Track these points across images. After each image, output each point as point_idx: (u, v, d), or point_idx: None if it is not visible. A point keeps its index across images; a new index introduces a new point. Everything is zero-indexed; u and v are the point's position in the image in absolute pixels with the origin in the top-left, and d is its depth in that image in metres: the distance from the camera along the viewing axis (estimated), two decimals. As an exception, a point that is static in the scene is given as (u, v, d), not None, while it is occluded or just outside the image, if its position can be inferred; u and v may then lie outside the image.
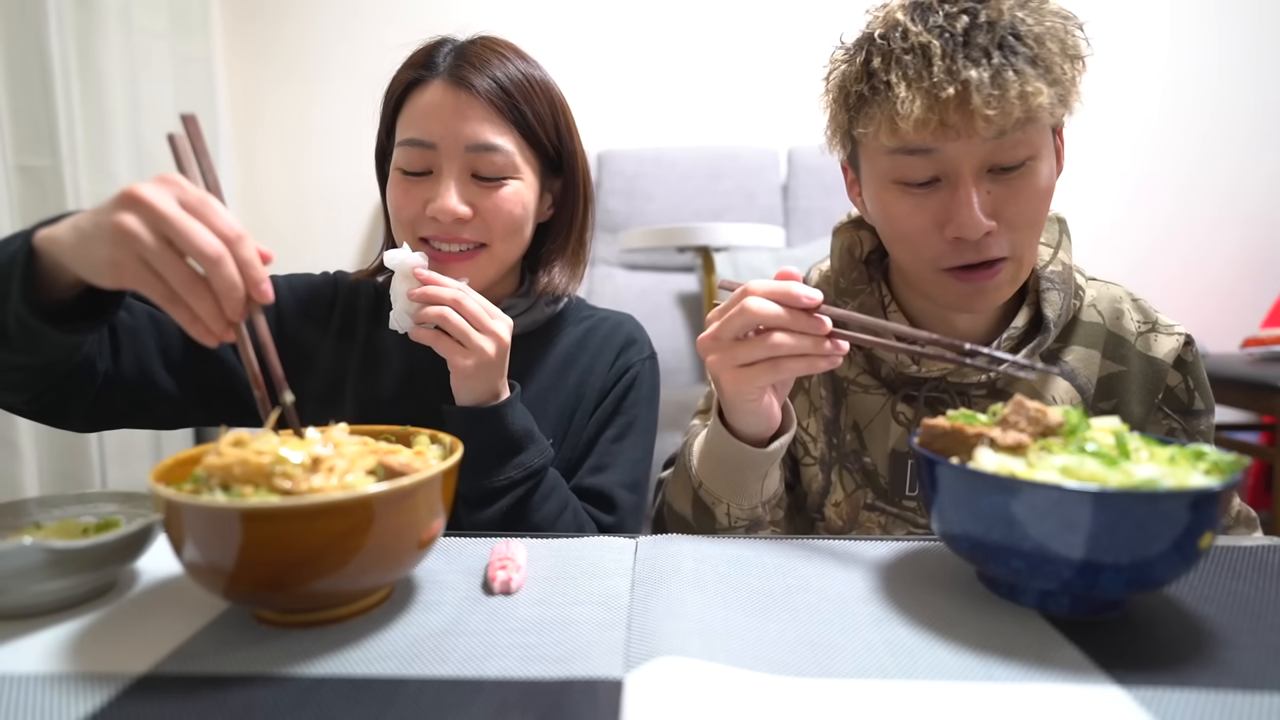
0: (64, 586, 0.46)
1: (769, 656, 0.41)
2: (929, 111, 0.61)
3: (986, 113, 0.60)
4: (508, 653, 0.42)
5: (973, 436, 0.47)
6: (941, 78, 0.60)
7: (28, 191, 1.69)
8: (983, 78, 0.60)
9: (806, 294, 0.56)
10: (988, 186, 0.65)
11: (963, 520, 0.45)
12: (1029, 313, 0.75)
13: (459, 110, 0.73)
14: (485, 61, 0.74)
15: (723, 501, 0.68)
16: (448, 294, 0.66)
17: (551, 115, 0.78)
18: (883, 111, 0.63)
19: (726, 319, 0.59)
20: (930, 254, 0.68)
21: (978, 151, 0.63)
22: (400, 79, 0.77)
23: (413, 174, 0.75)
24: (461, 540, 0.59)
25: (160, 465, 0.46)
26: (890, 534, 0.77)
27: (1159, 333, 0.76)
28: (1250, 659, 0.41)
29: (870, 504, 0.78)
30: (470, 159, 0.73)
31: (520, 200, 0.76)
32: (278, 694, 0.38)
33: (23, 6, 1.63)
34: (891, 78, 0.63)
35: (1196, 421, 0.76)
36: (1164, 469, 0.42)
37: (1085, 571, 0.41)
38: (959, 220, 0.64)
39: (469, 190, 0.74)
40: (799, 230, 2.25)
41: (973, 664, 0.40)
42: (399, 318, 0.68)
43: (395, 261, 0.67)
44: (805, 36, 2.37)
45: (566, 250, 0.86)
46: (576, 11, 2.42)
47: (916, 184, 0.66)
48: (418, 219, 0.75)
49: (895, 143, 0.65)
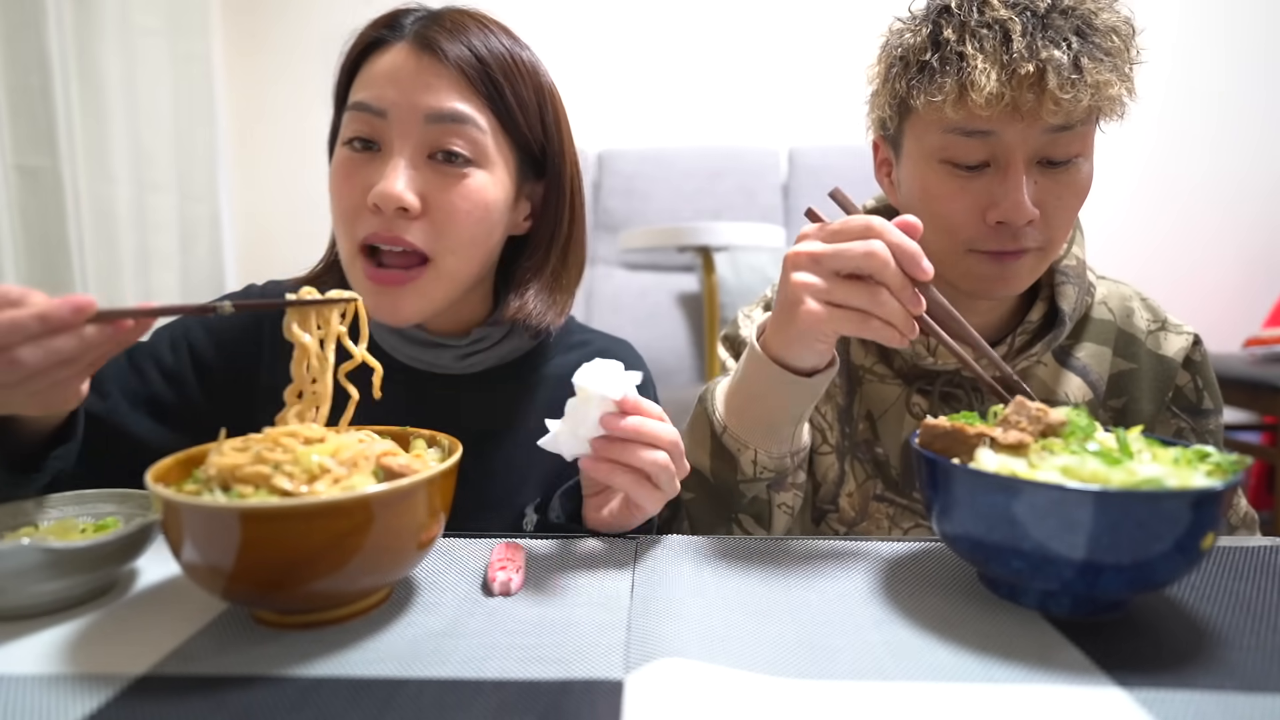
0: (62, 587, 0.45)
1: (769, 658, 0.41)
2: (1003, 86, 0.59)
3: (1061, 96, 0.59)
4: (507, 654, 0.41)
5: (973, 437, 0.47)
6: (1021, 54, 0.59)
7: (26, 191, 1.69)
8: (1063, 60, 0.59)
9: (926, 265, 0.53)
10: (1035, 177, 0.64)
11: (964, 521, 0.45)
12: (1044, 307, 0.74)
13: (420, 75, 0.60)
14: (461, 28, 0.63)
15: (750, 447, 0.64)
16: (668, 435, 0.54)
17: (537, 103, 0.66)
18: (954, 82, 0.61)
19: (841, 251, 0.53)
20: (966, 235, 0.66)
21: (1034, 140, 0.62)
22: (359, 41, 0.65)
23: (360, 150, 0.62)
24: (461, 541, 0.58)
25: (158, 465, 0.45)
26: (898, 525, 0.77)
27: (1169, 332, 0.76)
28: (1253, 660, 0.41)
29: (879, 495, 0.77)
30: (430, 134, 0.61)
31: (484, 198, 0.63)
32: (276, 695, 0.37)
33: (21, 5, 1.62)
34: (967, 49, 0.61)
35: (1205, 421, 0.76)
36: (1166, 468, 0.42)
37: (1087, 572, 0.41)
38: (1007, 205, 0.63)
39: (423, 176, 0.61)
40: (800, 229, 2.25)
41: (974, 665, 0.40)
42: (566, 441, 0.54)
43: (592, 384, 0.53)
44: (806, 36, 2.37)
45: (545, 271, 0.71)
46: (577, 11, 2.42)
47: (965, 166, 0.65)
48: (358, 213, 0.61)
49: (960, 117, 0.63)
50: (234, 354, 0.71)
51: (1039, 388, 0.75)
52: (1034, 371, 0.75)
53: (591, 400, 0.53)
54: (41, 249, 1.73)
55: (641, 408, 0.54)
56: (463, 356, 0.71)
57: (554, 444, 0.55)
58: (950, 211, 0.66)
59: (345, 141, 0.63)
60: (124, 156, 1.86)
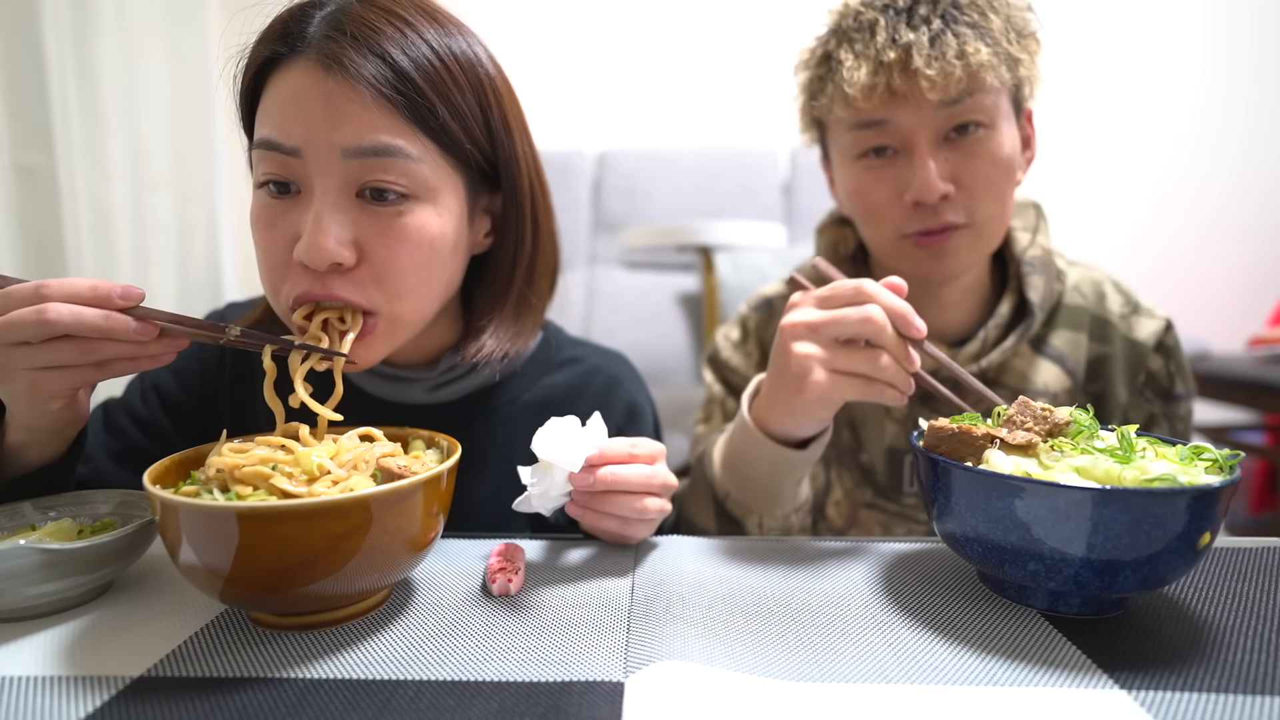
0: (60, 588, 0.45)
1: (770, 660, 0.41)
2: (874, 76, 0.64)
3: (928, 72, 0.62)
4: (507, 655, 0.41)
5: (981, 438, 0.46)
6: (884, 44, 0.64)
7: (23, 189, 1.68)
8: (921, 40, 0.63)
9: (919, 324, 0.54)
10: (945, 154, 0.67)
11: (977, 524, 0.44)
12: (1013, 299, 0.75)
13: (330, 104, 0.50)
14: (373, 32, 0.51)
15: (754, 512, 0.66)
16: (637, 476, 0.52)
17: (479, 107, 0.56)
18: (835, 84, 0.67)
19: (839, 318, 0.54)
20: (892, 222, 0.69)
21: (930, 120, 0.66)
22: (251, 60, 0.55)
23: (277, 195, 0.53)
24: (461, 542, 0.58)
25: (156, 467, 0.45)
26: (891, 532, 0.77)
27: (1141, 315, 0.77)
28: (1253, 660, 0.41)
29: (870, 502, 0.78)
30: (353, 170, 0.51)
31: (427, 236, 0.53)
32: (275, 696, 0.37)
33: (17, 2, 1.62)
34: (841, 53, 0.67)
35: (1176, 406, 0.77)
36: (1176, 465, 0.42)
37: (1103, 572, 0.41)
38: (917, 185, 0.66)
39: (352, 218, 0.52)
40: (801, 229, 2.25)
41: (975, 666, 0.40)
42: (539, 502, 0.52)
43: (551, 456, 0.50)
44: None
45: (507, 298, 0.63)
46: (577, 11, 2.42)
47: (876, 156, 0.69)
48: (286, 268, 0.52)
49: (849, 115, 0.68)
50: (198, 385, 0.70)
51: (1016, 379, 0.76)
52: (1011, 364, 0.76)
53: (554, 466, 0.51)
54: (38, 247, 1.72)
55: (607, 456, 0.52)
56: (433, 389, 0.66)
57: (528, 505, 0.53)
58: (873, 202, 0.70)
59: (259, 185, 0.54)
60: (121, 155, 1.85)
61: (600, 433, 0.53)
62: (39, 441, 0.53)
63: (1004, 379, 0.76)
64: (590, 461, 0.51)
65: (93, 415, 0.68)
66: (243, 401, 0.69)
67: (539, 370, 0.70)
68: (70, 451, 0.55)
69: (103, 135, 1.85)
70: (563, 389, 0.70)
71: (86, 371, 0.47)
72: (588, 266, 2.27)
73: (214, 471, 0.44)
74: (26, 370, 0.46)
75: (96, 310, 0.44)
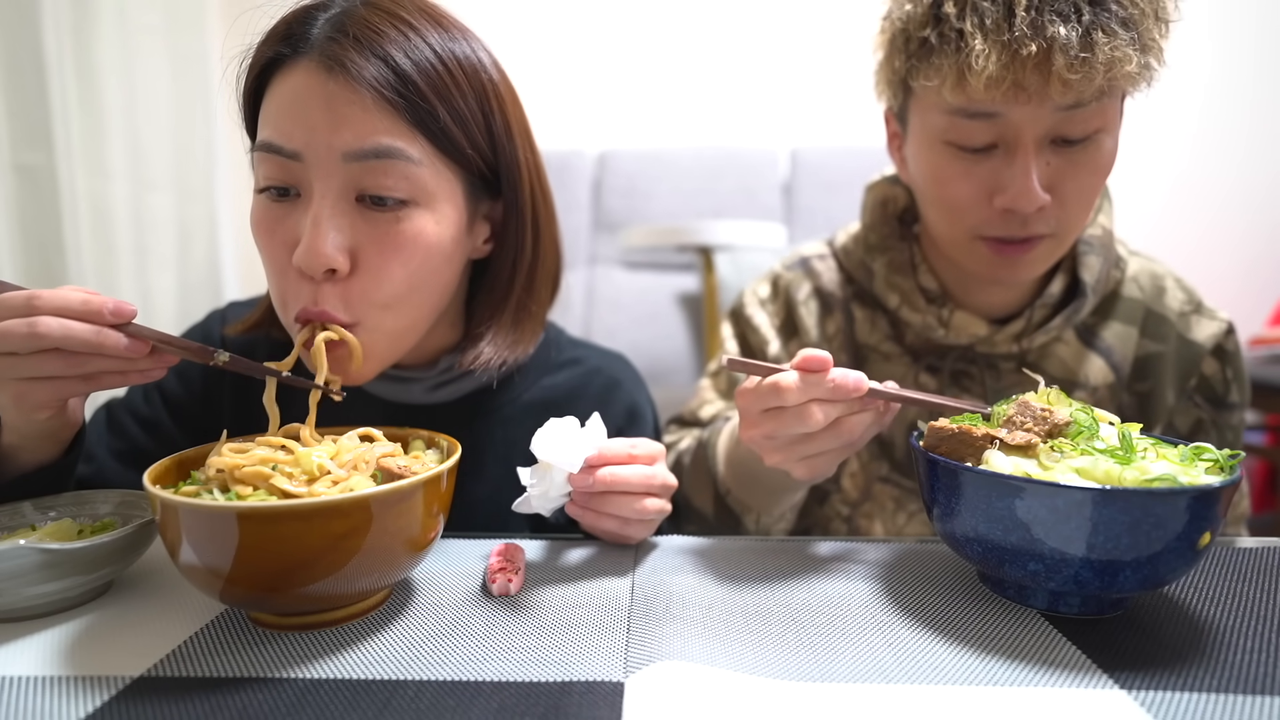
0: (59, 589, 0.45)
1: (770, 660, 0.41)
2: (1004, 69, 0.54)
3: (1068, 77, 0.53)
4: (507, 655, 0.41)
5: (980, 439, 0.46)
6: (1024, 31, 0.53)
7: (23, 189, 1.69)
8: (1071, 37, 0.53)
9: (855, 382, 0.49)
10: (1048, 158, 0.59)
11: (977, 524, 0.44)
12: (1065, 279, 0.70)
13: (331, 106, 0.50)
14: (376, 35, 0.51)
15: (753, 510, 0.67)
16: (637, 477, 0.52)
17: (481, 112, 0.56)
18: (951, 63, 0.56)
19: (782, 423, 0.50)
20: (972, 221, 0.62)
21: (1045, 120, 0.57)
22: (255, 61, 0.55)
23: (277, 199, 0.53)
24: (461, 542, 0.58)
25: (156, 466, 0.45)
26: (903, 508, 0.75)
27: (1202, 316, 0.72)
28: (1254, 661, 0.41)
29: (885, 476, 0.75)
30: (353, 174, 0.51)
31: (424, 242, 0.53)
32: (275, 696, 0.37)
33: (17, 2, 1.62)
34: (966, 26, 0.55)
35: (1229, 415, 0.72)
36: (1176, 465, 0.42)
37: (1104, 572, 0.41)
38: (1014, 191, 0.58)
39: (350, 223, 0.52)
40: (801, 229, 2.25)
41: (975, 666, 0.40)
42: (539, 503, 0.52)
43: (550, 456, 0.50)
44: (806, 36, 2.37)
45: (506, 306, 0.62)
46: (577, 11, 2.42)
47: (971, 148, 0.60)
48: (285, 275, 0.53)
49: (959, 100, 0.58)
50: (200, 385, 0.70)
51: (1059, 367, 0.71)
52: (1053, 350, 0.71)
53: (553, 467, 0.51)
54: (38, 247, 1.72)
55: (607, 457, 0.52)
56: (433, 388, 0.66)
57: (527, 506, 0.53)
58: (955, 195, 0.62)
59: (260, 189, 0.54)
60: (121, 154, 1.85)
61: (599, 433, 0.53)
62: (31, 445, 0.53)
63: (1045, 365, 0.71)
64: (589, 462, 0.51)
65: (96, 415, 0.68)
66: (245, 400, 0.69)
67: (539, 371, 0.70)
68: (67, 453, 0.55)
69: (102, 135, 1.85)
70: (563, 390, 0.70)
71: (74, 383, 0.47)
72: (588, 266, 2.27)
73: (214, 471, 0.44)
74: (13, 380, 0.46)
75: (87, 326, 0.44)
